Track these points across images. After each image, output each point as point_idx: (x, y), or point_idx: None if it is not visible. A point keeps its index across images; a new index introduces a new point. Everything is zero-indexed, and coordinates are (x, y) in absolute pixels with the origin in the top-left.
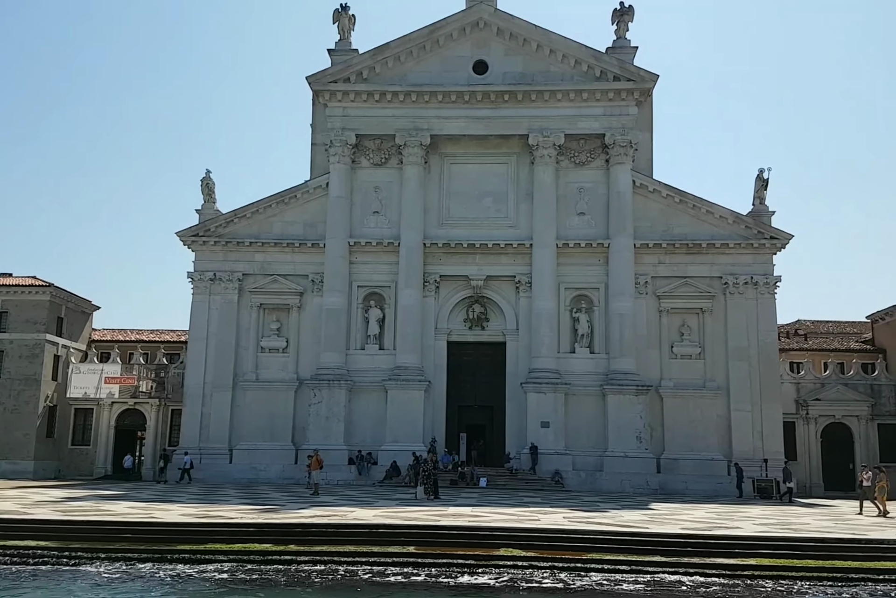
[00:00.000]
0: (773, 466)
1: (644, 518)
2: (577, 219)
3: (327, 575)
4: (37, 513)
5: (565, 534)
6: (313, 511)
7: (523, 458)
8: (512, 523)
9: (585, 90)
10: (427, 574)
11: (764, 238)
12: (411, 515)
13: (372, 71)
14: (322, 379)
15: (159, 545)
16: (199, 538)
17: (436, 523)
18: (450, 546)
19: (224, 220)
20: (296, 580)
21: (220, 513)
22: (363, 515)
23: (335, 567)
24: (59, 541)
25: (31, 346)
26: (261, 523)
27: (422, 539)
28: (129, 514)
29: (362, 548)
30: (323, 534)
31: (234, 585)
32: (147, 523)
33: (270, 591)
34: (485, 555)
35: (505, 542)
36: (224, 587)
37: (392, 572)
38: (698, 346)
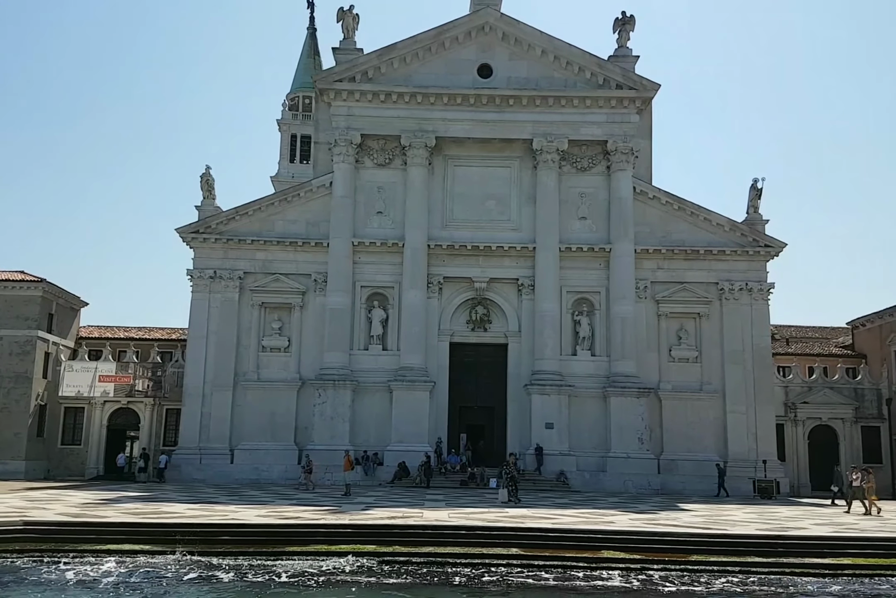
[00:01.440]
0: (754, 467)
1: (699, 519)
2: (578, 223)
3: (468, 577)
4: (107, 516)
5: (659, 536)
6: (383, 512)
7: (528, 459)
8: (592, 525)
9: (589, 97)
10: (558, 577)
11: (759, 246)
12: (486, 516)
13: (377, 71)
14: (327, 379)
15: (267, 547)
16: (301, 540)
17: (537, 526)
18: (553, 548)
19: (225, 217)
20: (441, 582)
21: (289, 513)
22: (434, 516)
23: (460, 570)
24: (160, 544)
25: (21, 343)
26: (357, 524)
27: (523, 542)
28: (201, 516)
29: (472, 550)
30: (423, 535)
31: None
32: (245, 525)
33: (437, 592)
34: (594, 557)
35: (605, 544)
36: (394, 589)
37: (523, 573)
38: (695, 349)
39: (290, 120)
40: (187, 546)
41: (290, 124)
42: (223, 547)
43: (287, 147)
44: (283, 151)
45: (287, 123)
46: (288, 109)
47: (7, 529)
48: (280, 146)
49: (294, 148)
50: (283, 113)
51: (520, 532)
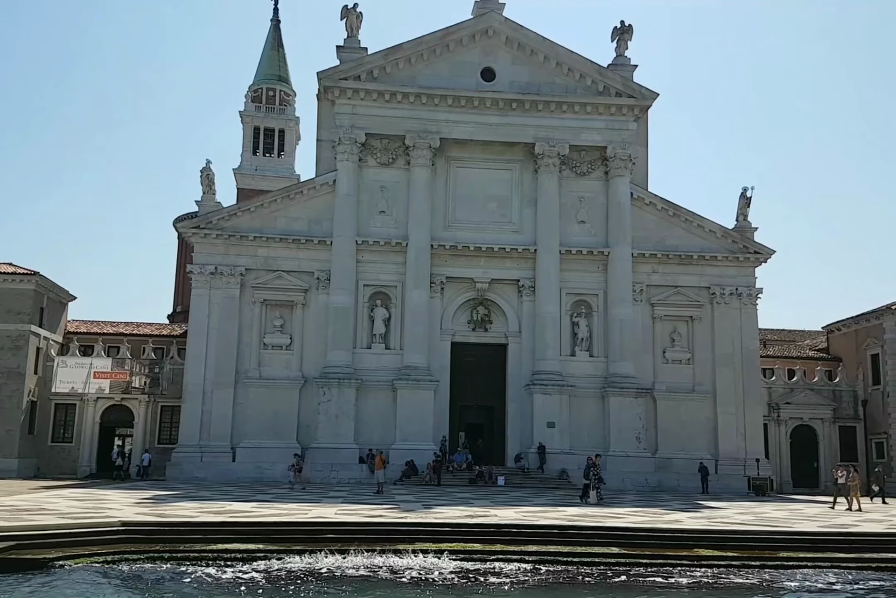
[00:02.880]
0: (752, 465)
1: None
2: (577, 227)
3: (594, 576)
4: (191, 515)
5: (748, 534)
6: (454, 511)
7: (531, 457)
8: (663, 524)
9: (589, 103)
10: (681, 575)
11: (748, 252)
12: (557, 514)
13: (382, 71)
14: (332, 377)
15: (375, 545)
16: (407, 538)
17: (633, 525)
18: (652, 547)
19: (227, 212)
20: (568, 582)
21: (364, 511)
22: (510, 515)
23: (577, 568)
24: (273, 543)
25: (14, 337)
26: (457, 523)
27: (621, 541)
28: (279, 514)
29: (577, 549)
30: (521, 534)
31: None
32: (348, 523)
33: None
34: (693, 555)
35: (696, 542)
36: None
37: (641, 572)
38: (688, 351)
39: (254, 112)
40: (297, 544)
41: (254, 116)
42: (338, 545)
43: (250, 139)
44: (245, 144)
45: (250, 115)
46: (251, 101)
47: (107, 530)
48: (243, 139)
49: (257, 140)
50: (245, 105)
51: (618, 532)
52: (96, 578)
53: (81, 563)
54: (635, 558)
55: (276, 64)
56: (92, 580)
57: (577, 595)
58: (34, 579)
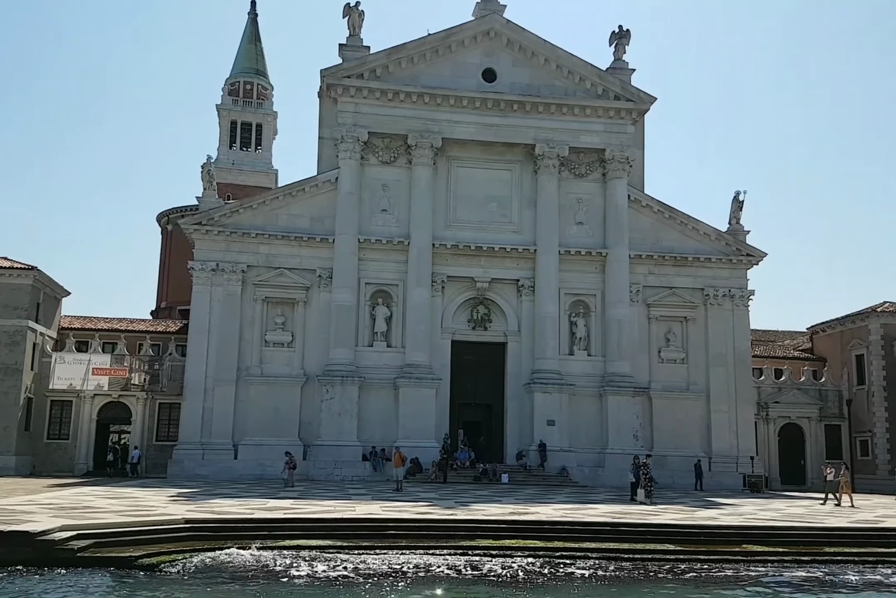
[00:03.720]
0: (743, 463)
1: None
2: (575, 228)
3: (667, 572)
4: (239, 512)
5: (790, 530)
6: (494, 508)
7: (532, 455)
8: (703, 521)
9: (589, 106)
10: (744, 570)
11: (741, 255)
12: (595, 511)
13: (385, 70)
14: (335, 375)
15: (438, 542)
16: (467, 535)
17: (685, 522)
18: (704, 544)
19: (229, 209)
20: (643, 577)
21: (411, 508)
22: (544, 511)
23: (646, 564)
24: (336, 539)
25: (10, 333)
26: (515, 520)
27: (667, 537)
28: (329, 510)
29: (637, 546)
30: (575, 531)
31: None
32: (404, 519)
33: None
34: (746, 551)
35: (743, 539)
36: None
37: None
38: (682, 351)
39: (231, 106)
40: (363, 540)
41: (231, 110)
42: (403, 541)
43: (227, 133)
44: (222, 138)
45: (227, 108)
46: (228, 95)
47: (172, 527)
48: (219, 132)
49: (234, 134)
50: (222, 98)
51: (668, 529)
52: (192, 577)
53: (159, 560)
54: (692, 554)
55: (253, 58)
56: (193, 579)
57: (663, 589)
58: (145, 578)
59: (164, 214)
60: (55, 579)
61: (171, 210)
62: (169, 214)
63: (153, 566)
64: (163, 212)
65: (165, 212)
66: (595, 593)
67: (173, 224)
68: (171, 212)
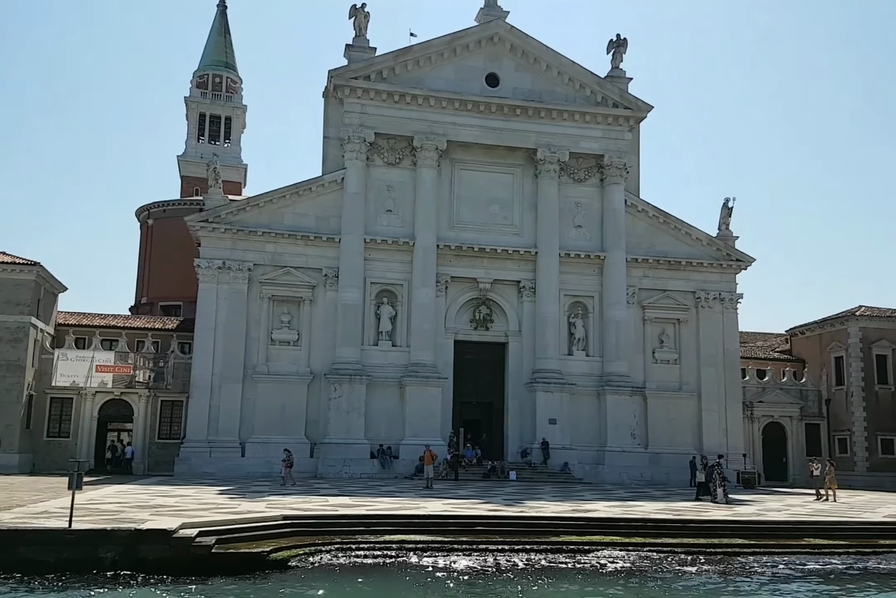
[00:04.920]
0: (733, 460)
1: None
2: (574, 231)
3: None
4: (313, 509)
5: (845, 525)
6: (552, 504)
7: (535, 452)
8: (756, 516)
9: (588, 113)
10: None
11: (731, 260)
12: (651, 508)
13: (391, 72)
14: (343, 374)
15: (529, 538)
16: (552, 531)
17: (750, 518)
18: (767, 538)
19: (236, 207)
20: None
21: (469, 506)
22: (594, 507)
23: (736, 559)
24: (434, 535)
25: (13, 329)
26: (591, 517)
27: (734, 532)
28: (401, 507)
29: (714, 540)
30: (653, 528)
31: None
32: (492, 517)
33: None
34: (809, 544)
35: (803, 532)
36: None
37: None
38: (675, 352)
39: (199, 98)
40: (460, 536)
41: (199, 103)
42: (497, 537)
43: (195, 126)
44: (190, 130)
45: (196, 101)
46: (196, 87)
47: (274, 524)
48: (188, 125)
49: (203, 127)
50: (191, 90)
51: (735, 524)
52: (330, 573)
53: (287, 555)
54: (766, 547)
55: (222, 50)
56: (332, 576)
57: (793, 583)
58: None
59: (144, 208)
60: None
61: (152, 205)
62: (150, 208)
63: (284, 561)
64: (143, 206)
65: (146, 206)
66: (723, 586)
67: (154, 219)
68: (151, 206)
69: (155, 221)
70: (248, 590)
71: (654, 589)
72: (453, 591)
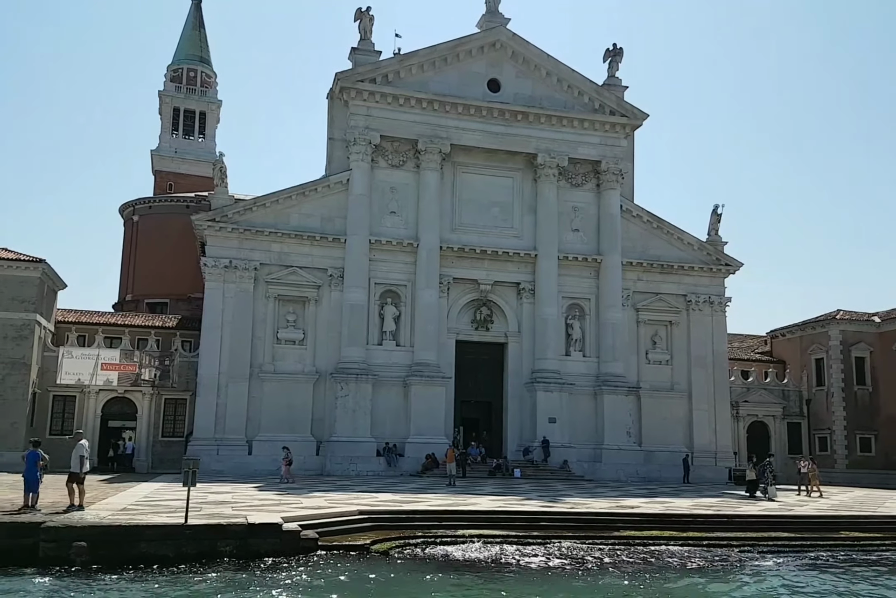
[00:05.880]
0: (721, 457)
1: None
2: (571, 234)
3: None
4: (377, 504)
5: (874, 519)
6: (598, 502)
7: (535, 450)
8: (787, 511)
9: (587, 120)
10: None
11: (720, 264)
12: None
13: (396, 75)
14: (349, 373)
15: (588, 532)
16: (610, 526)
17: (789, 513)
18: (808, 531)
19: (242, 207)
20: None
21: (515, 502)
22: (630, 504)
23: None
24: (505, 529)
25: (18, 326)
26: (644, 513)
27: (775, 526)
28: (452, 504)
29: (760, 534)
30: (703, 523)
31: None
32: (552, 513)
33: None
34: (847, 537)
35: (837, 526)
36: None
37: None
38: (667, 353)
39: (174, 92)
40: (531, 531)
41: (174, 97)
42: (567, 532)
43: (169, 120)
44: (164, 125)
45: (170, 95)
46: (170, 81)
47: (355, 518)
48: (161, 119)
49: (177, 122)
50: (165, 84)
51: (774, 519)
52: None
53: (387, 546)
54: (811, 540)
55: (197, 44)
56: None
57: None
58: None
59: (129, 204)
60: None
61: (137, 201)
62: (135, 204)
63: (385, 552)
64: (127, 202)
65: (131, 202)
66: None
67: (139, 215)
68: (137, 202)
69: (140, 218)
70: (379, 579)
71: (775, 580)
72: (581, 589)
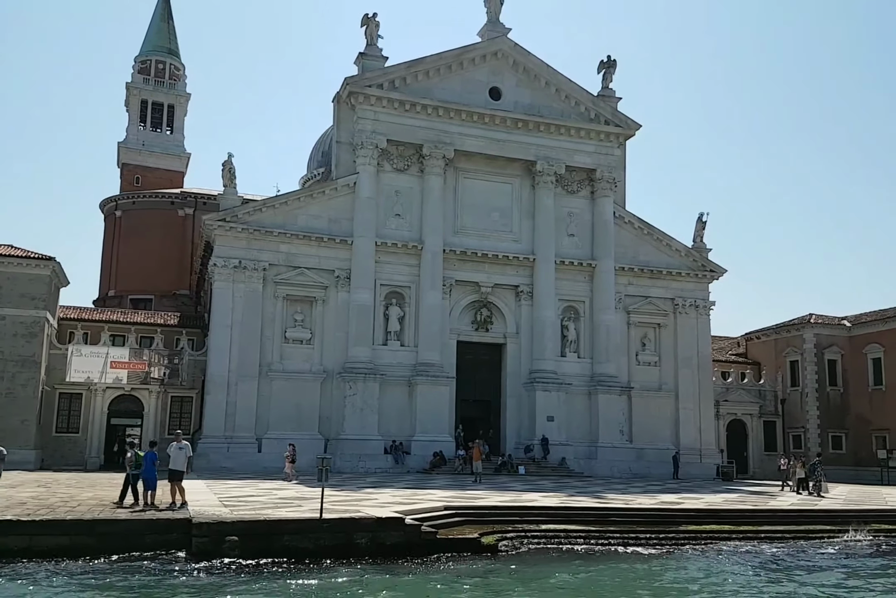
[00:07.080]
0: (706, 455)
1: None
2: (567, 239)
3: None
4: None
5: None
6: (642, 498)
7: (535, 448)
8: (821, 506)
9: (583, 129)
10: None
11: (705, 270)
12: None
13: (403, 81)
14: (357, 372)
15: (663, 527)
16: (687, 521)
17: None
18: (841, 524)
19: (252, 208)
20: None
21: (563, 497)
22: (668, 499)
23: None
24: (584, 525)
25: (28, 324)
26: (723, 509)
27: (820, 519)
28: (512, 501)
29: (807, 527)
30: (757, 517)
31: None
32: (627, 509)
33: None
34: (879, 529)
35: (870, 519)
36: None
37: None
38: (656, 354)
39: (142, 84)
40: (607, 526)
41: (142, 89)
42: (640, 526)
43: (137, 113)
44: (132, 117)
45: (138, 87)
46: (138, 73)
47: (443, 513)
48: (129, 111)
49: (145, 114)
50: (133, 76)
51: (819, 513)
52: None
53: (493, 539)
54: (847, 533)
55: (165, 36)
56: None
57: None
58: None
59: (110, 199)
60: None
61: (120, 196)
62: (117, 199)
63: (493, 546)
64: (109, 198)
65: (113, 198)
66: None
67: (122, 211)
68: (119, 198)
69: (123, 213)
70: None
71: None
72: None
